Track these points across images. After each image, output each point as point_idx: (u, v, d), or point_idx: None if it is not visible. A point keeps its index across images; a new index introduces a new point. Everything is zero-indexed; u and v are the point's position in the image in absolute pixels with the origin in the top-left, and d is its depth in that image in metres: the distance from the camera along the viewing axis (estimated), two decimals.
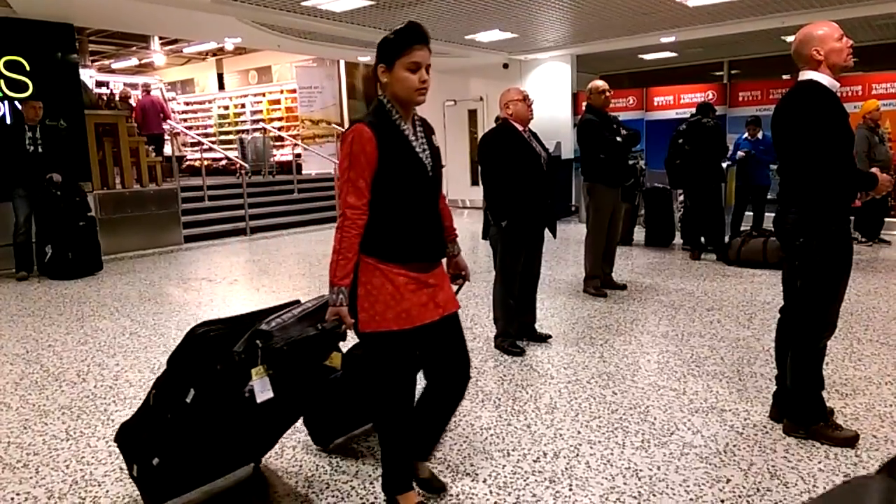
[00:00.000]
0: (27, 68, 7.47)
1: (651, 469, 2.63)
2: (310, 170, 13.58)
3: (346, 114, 14.00)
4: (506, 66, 11.92)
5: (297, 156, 13.42)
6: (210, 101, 16.51)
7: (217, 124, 16.14)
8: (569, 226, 10.09)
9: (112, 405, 3.45)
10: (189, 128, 15.61)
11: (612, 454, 2.76)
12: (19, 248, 6.89)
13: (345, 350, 2.45)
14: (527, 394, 3.46)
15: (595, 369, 3.80)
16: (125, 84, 14.14)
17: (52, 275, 6.89)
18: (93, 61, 14.51)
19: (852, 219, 3.02)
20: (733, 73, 11.81)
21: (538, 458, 2.75)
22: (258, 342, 2.06)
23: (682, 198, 8.17)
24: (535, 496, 2.46)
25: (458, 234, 2.50)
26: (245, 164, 10.94)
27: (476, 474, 2.62)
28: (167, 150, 12.01)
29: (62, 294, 6.19)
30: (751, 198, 7.84)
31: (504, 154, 4.04)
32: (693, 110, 7.36)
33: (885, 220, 7.96)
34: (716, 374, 3.66)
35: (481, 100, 12.53)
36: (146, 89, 12.10)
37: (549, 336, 4.39)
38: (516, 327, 4.23)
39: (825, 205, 2.66)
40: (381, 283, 2.10)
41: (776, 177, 6.39)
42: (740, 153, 7.60)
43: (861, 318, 4.69)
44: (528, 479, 2.59)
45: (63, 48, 7.82)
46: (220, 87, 16.59)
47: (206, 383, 2.10)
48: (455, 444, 2.89)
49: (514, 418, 3.15)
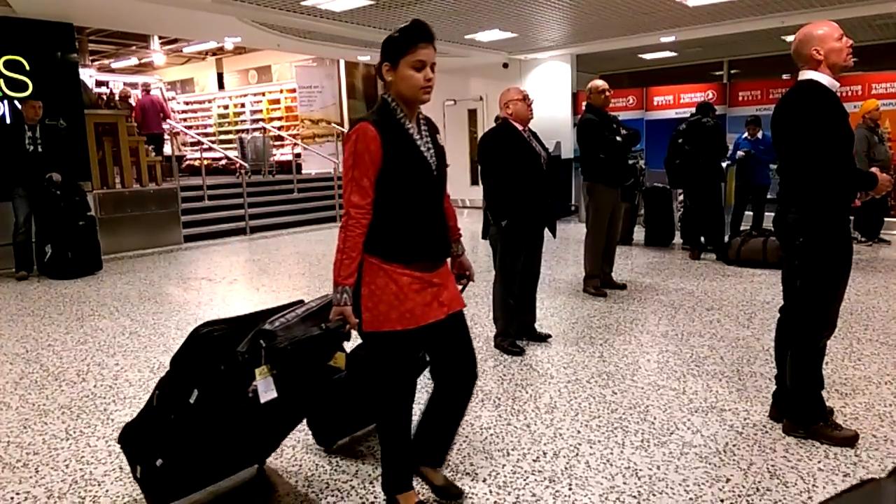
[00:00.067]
0: (27, 68, 7.47)
1: (651, 468, 2.63)
2: (309, 169, 13.58)
3: (345, 113, 14.00)
4: (506, 65, 11.92)
5: (297, 155, 13.43)
6: (210, 101, 16.51)
7: (217, 124, 16.14)
8: (568, 225, 10.09)
9: (112, 405, 3.45)
10: (189, 127, 15.60)
11: (611, 454, 2.77)
12: (19, 247, 6.89)
13: (348, 350, 2.45)
14: (526, 393, 3.46)
15: (595, 369, 3.80)
16: (125, 83, 14.14)
17: (52, 274, 6.89)
18: (92, 61, 14.52)
19: (852, 218, 3.01)
20: (733, 72, 11.81)
21: (538, 457, 2.75)
22: (262, 342, 2.04)
23: (681, 197, 8.18)
24: (534, 496, 2.46)
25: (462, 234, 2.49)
26: (245, 164, 10.94)
27: (476, 474, 2.63)
28: (167, 149, 12.00)
29: (62, 294, 6.19)
30: (750, 197, 7.84)
31: (504, 154, 4.04)
32: (693, 110, 7.37)
33: (885, 219, 7.96)
34: (715, 374, 3.66)
35: (481, 99, 12.54)
36: (146, 89, 12.10)
37: (549, 335, 4.39)
38: (516, 327, 4.23)
39: (825, 204, 2.66)
40: (384, 284, 2.09)
41: (776, 176, 6.40)
42: (740, 153, 7.60)
43: (861, 317, 4.69)
44: (527, 478, 2.59)
45: (63, 47, 7.82)
46: (220, 86, 16.59)
47: (210, 384, 2.08)
48: (455, 443, 2.88)
49: (514, 418, 3.15)
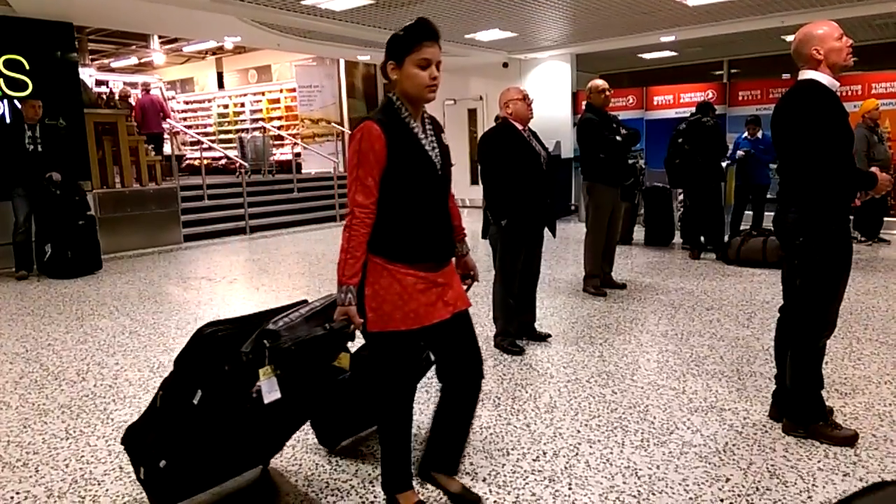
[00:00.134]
0: (27, 67, 7.47)
1: (650, 468, 2.63)
2: (309, 169, 13.59)
3: (345, 113, 14.00)
4: (505, 65, 11.93)
5: (297, 155, 13.43)
6: (210, 100, 16.51)
7: (217, 123, 16.14)
8: (568, 225, 10.09)
9: (112, 404, 3.45)
10: (189, 127, 15.61)
11: (611, 453, 2.77)
12: (19, 247, 6.89)
13: (353, 351, 2.44)
14: (526, 393, 3.46)
15: (594, 368, 3.80)
16: (125, 83, 14.13)
17: (52, 274, 6.89)
18: (92, 60, 14.52)
19: (852, 218, 3.02)
20: (733, 72, 11.81)
21: (537, 457, 2.75)
22: (266, 342, 2.03)
23: (681, 197, 8.18)
24: (534, 495, 2.46)
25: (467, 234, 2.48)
26: (245, 164, 10.94)
27: (476, 473, 2.62)
28: (167, 149, 11.99)
29: (62, 293, 6.19)
30: (750, 197, 7.85)
31: (504, 153, 4.04)
32: (693, 109, 7.37)
33: (885, 219, 7.96)
34: (715, 374, 3.66)
35: (481, 99, 12.54)
36: (146, 88, 12.10)
37: (549, 335, 4.39)
38: (516, 326, 4.23)
39: (825, 204, 2.66)
40: (388, 284, 2.08)
41: (776, 176, 6.40)
42: (740, 152, 7.60)
43: (860, 317, 4.69)
44: (527, 478, 2.59)
45: (62, 47, 7.82)
46: (220, 86, 16.59)
47: (214, 384, 2.07)
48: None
49: (514, 417, 3.15)
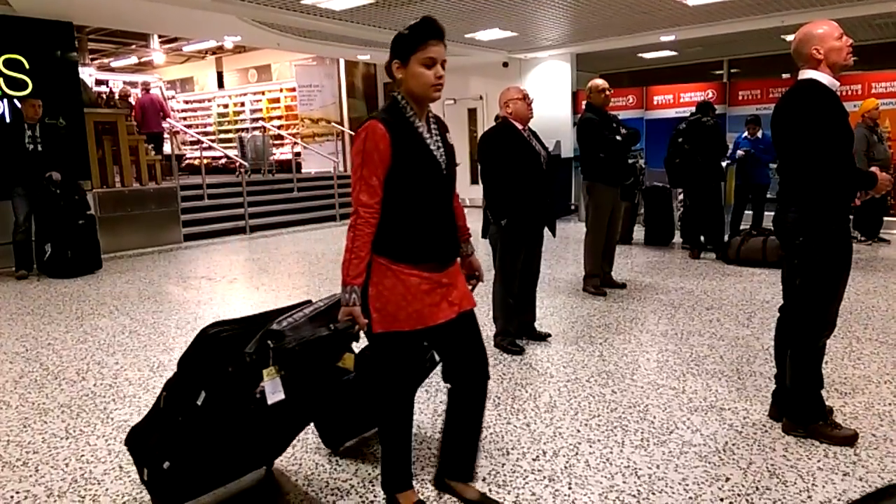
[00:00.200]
0: (26, 66, 7.47)
1: (650, 468, 2.63)
2: (309, 168, 13.58)
3: (345, 112, 14.00)
4: (505, 64, 11.92)
5: (297, 154, 13.43)
6: (209, 100, 16.51)
7: (216, 123, 16.14)
8: (568, 224, 10.09)
9: (112, 403, 3.45)
10: (188, 126, 15.60)
11: (611, 453, 2.77)
12: (19, 246, 6.89)
13: (357, 351, 2.43)
14: (526, 392, 3.46)
15: (594, 368, 3.80)
16: (124, 82, 14.14)
17: (52, 273, 6.89)
18: (92, 59, 14.51)
19: (851, 218, 3.01)
20: (733, 71, 11.81)
21: (537, 456, 2.76)
22: (270, 342, 2.01)
23: (681, 197, 8.18)
24: (534, 494, 2.46)
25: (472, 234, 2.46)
26: (244, 163, 10.94)
27: (475, 472, 2.62)
28: (167, 148, 12.00)
29: (61, 292, 6.19)
30: (750, 197, 7.85)
31: (504, 153, 4.04)
32: (693, 109, 7.37)
33: (885, 219, 7.96)
34: (715, 373, 3.66)
35: (481, 98, 12.54)
36: (145, 88, 12.10)
37: (549, 335, 4.39)
38: (516, 326, 4.23)
39: (825, 204, 2.66)
40: (392, 284, 2.07)
41: (776, 176, 6.40)
42: (740, 152, 7.60)
43: (860, 316, 4.69)
44: (527, 477, 2.59)
45: (62, 46, 7.81)
46: (220, 85, 16.59)
47: (218, 385, 2.06)
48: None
49: (514, 417, 3.15)
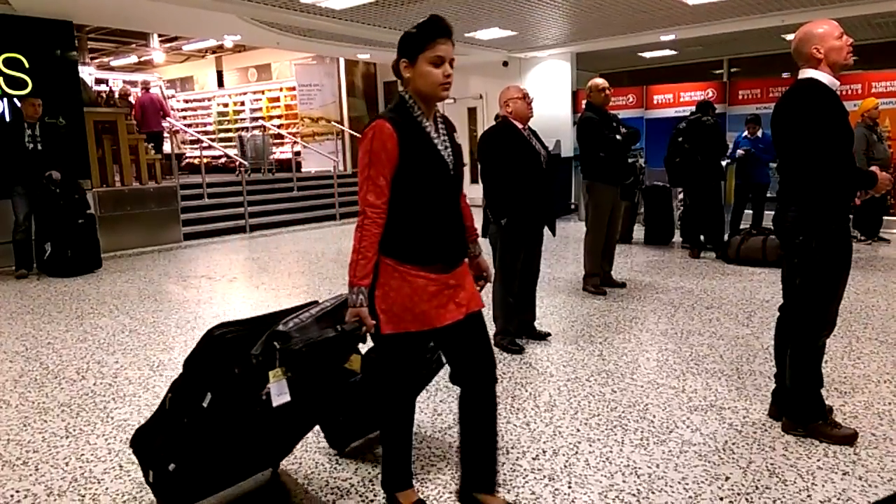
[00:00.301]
0: (26, 65, 7.47)
1: (650, 467, 2.63)
2: (309, 167, 13.57)
3: (345, 111, 13.99)
4: (505, 63, 11.92)
5: (297, 153, 13.42)
6: (209, 99, 16.50)
7: (216, 122, 16.13)
8: (568, 224, 10.09)
9: (112, 403, 3.45)
10: (188, 125, 15.60)
11: (611, 452, 2.77)
12: (19, 245, 6.89)
13: (364, 352, 2.42)
14: (526, 392, 3.47)
15: (594, 367, 3.81)
16: (124, 81, 14.14)
17: (52, 272, 6.89)
18: (92, 59, 14.49)
19: (851, 217, 3.01)
20: (733, 71, 11.81)
21: (537, 455, 2.76)
22: (276, 344, 1.99)
23: (681, 196, 8.18)
24: (534, 494, 2.46)
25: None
26: (244, 162, 10.93)
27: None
28: (166, 147, 12.00)
29: (61, 292, 6.19)
30: (750, 196, 7.85)
31: (503, 152, 4.04)
32: (693, 108, 7.37)
33: (884, 218, 7.96)
34: (715, 372, 3.67)
35: (481, 98, 12.53)
36: (145, 87, 12.10)
37: (549, 334, 4.39)
38: (515, 325, 4.23)
39: (825, 203, 2.66)
40: (398, 286, 2.05)
41: (775, 175, 6.40)
42: (740, 151, 7.60)
43: (860, 316, 4.69)
44: (527, 476, 2.59)
45: (62, 45, 7.81)
46: (220, 84, 16.58)
47: (224, 387, 2.05)
48: (454, 441, 2.89)
49: (514, 416, 3.15)
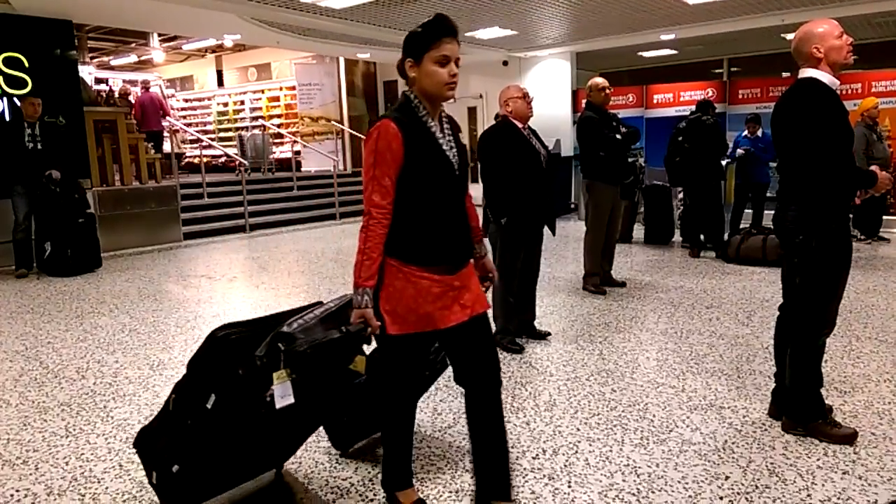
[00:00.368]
0: (26, 65, 7.47)
1: (650, 466, 2.64)
2: (309, 167, 13.58)
3: (345, 111, 13.99)
4: (505, 63, 11.92)
5: (297, 153, 13.43)
6: (209, 98, 16.50)
7: (216, 121, 16.14)
8: (568, 223, 10.09)
9: (111, 402, 3.45)
10: (188, 125, 15.60)
11: (610, 451, 2.77)
12: (18, 245, 6.89)
13: (368, 353, 2.42)
14: (526, 391, 3.47)
15: (594, 367, 3.81)
16: (124, 81, 14.14)
17: (52, 272, 6.89)
18: (92, 58, 14.50)
19: (851, 216, 3.01)
20: (733, 70, 11.81)
21: (537, 455, 2.76)
22: (280, 345, 1.98)
23: (681, 195, 8.18)
24: (533, 493, 2.46)
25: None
26: (244, 161, 10.93)
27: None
28: (166, 147, 12.00)
29: (61, 291, 6.19)
30: (750, 195, 7.85)
31: (503, 151, 4.04)
32: (693, 108, 7.37)
33: (884, 217, 7.96)
34: (715, 372, 3.67)
35: (481, 97, 12.53)
36: (145, 86, 12.09)
37: (549, 333, 4.39)
38: (515, 324, 4.23)
39: (825, 202, 2.66)
40: (403, 287, 2.04)
41: (775, 174, 6.40)
42: (740, 151, 7.60)
43: (860, 315, 4.69)
44: (527, 476, 2.59)
45: (62, 45, 7.81)
46: (220, 83, 16.58)
47: (228, 388, 2.04)
48: (454, 440, 2.89)
49: (513, 415, 3.15)
